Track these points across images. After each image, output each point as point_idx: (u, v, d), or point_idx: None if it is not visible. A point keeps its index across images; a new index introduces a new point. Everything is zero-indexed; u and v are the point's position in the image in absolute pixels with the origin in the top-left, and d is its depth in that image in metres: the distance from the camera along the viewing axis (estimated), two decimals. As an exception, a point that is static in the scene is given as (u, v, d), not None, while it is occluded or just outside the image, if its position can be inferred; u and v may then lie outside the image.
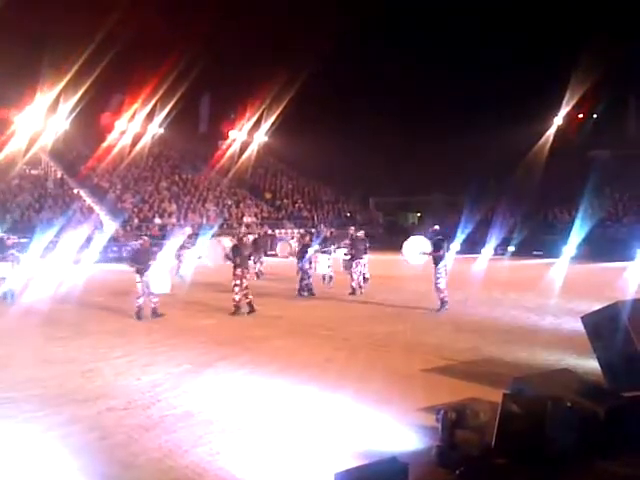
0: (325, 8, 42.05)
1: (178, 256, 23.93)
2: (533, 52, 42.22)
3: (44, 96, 42.19)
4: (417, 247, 18.12)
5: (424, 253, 17.64)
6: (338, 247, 22.55)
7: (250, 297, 16.38)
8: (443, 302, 16.51)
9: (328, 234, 23.63)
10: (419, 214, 57.43)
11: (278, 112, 50.93)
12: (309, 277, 19.85)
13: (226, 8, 41.51)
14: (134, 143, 49.18)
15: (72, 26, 37.08)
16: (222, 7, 41.44)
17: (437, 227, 17.82)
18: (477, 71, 45.06)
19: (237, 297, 16.21)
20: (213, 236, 30.24)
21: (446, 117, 45.40)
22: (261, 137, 55.52)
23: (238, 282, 16.27)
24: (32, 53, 38.91)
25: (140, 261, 15.87)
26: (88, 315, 16.62)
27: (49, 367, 10.98)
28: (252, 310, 16.22)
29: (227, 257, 16.91)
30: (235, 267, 16.38)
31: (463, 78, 45.20)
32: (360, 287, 20.05)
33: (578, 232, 34.38)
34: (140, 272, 15.68)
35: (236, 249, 16.77)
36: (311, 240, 21.19)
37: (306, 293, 19.56)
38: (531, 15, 41.79)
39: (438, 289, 16.55)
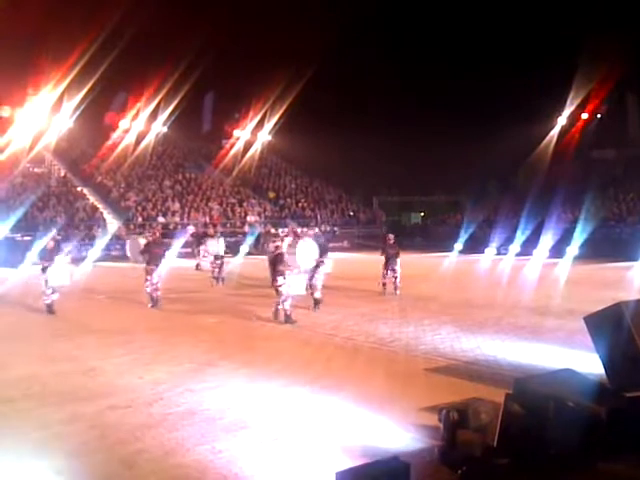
0: (329, 8, 42.03)
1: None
2: (537, 52, 42.13)
3: (48, 94, 42.21)
4: (308, 252, 17.88)
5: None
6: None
7: (159, 293, 17.23)
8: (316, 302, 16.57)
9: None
10: (422, 214, 57.48)
11: (282, 111, 50.88)
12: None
13: (230, 7, 41.51)
14: (138, 142, 49.17)
15: (76, 24, 37.11)
16: (226, 6, 41.44)
17: (328, 228, 17.91)
18: (481, 72, 45.01)
19: (148, 289, 17.14)
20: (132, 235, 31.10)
21: (450, 118, 45.29)
22: (265, 136, 55.49)
23: (148, 277, 17.14)
24: (36, 51, 38.94)
25: (284, 263, 15.50)
26: (91, 313, 16.65)
27: (51, 365, 10.99)
28: (155, 304, 17.04)
29: (141, 253, 18.15)
30: (146, 263, 17.38)
31: (466, 79, 45.14)
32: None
33: (581, 232, 34.33)
34: (284, 274, 15.21)
35: (147, 247, 17.90)
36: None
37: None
38: (533, 15, 41.73)
39: (313, 286, 16.68)
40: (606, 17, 38.59)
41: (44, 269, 16.29)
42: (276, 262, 15.43)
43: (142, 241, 19.94)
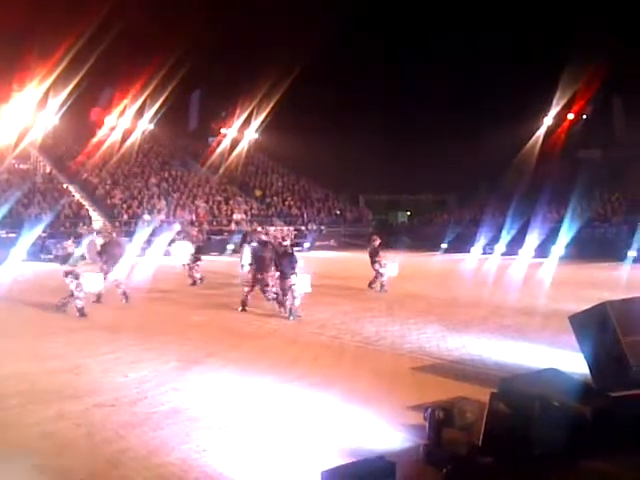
0: (317, 5, 42.01)
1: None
2: (523, 52, 42.28)
3: (34, 90, 41.99)
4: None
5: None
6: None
7: (123, 288, 17.83)
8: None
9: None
10: (409, 213, 57.58)
11: (269, 109, 50.89)
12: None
13: (217, 4, 41.41)
14: (124, 139, 49.02)
15: (62, 20, 36.92)
16: (213, 3, 41.35)
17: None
18: (468, 71, 45.14)
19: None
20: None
21: (437, 117, 45.42)
22: (252, 134, 55.42)
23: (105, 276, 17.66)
24: (21, 47, 38.72)
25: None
26: (76, 311, 16.55)
27: (37, 362, 10.93)
28: (127, 299, 17.61)
29: (98, 254, 18.59)
30: (103, 263, 18.01)
31: (454, 78, 45.28)
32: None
33: (567, 232, 34.47)
34: (296, 273, 15.66)
35: (104, 248, 18.49)
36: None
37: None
38: (520, 16, 41.88)
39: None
40: (592, 18, 38.75)
41: (69, 274, 15.75)
42: (292, 261, 15.77)
43: (99, 241, 20.03)
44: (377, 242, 20.67)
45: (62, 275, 16.00)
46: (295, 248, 19.36)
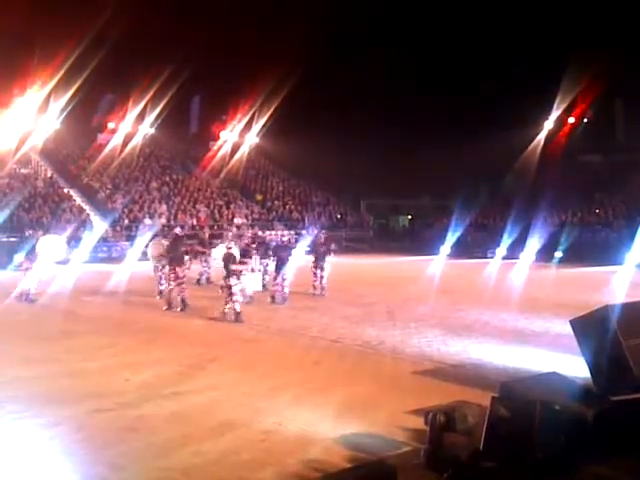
0: (317, 10, 42.04)
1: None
2: (524, 56, 42.28)
3: (35, 95, 42.03)
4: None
5: None
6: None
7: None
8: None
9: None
10: (410, 217, 57.54)
11: (269, 113, 50.84)
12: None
13: (217, 9, 41.46)
14: (125, 143, 48.96)
15: (63, 25, 36.94)
16: (213, 8, 41.39)
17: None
18: (469, 75, 45.13)
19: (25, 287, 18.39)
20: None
21: (438, 121, 45.43)
22: (252, 138, 55.41)
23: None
24: (23, 52, 38.75)
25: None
26: (76, 315, 16.56)
27: (36, 367, 10.91)
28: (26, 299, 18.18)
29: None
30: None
31: (454, 83, 45.26)
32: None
33: (568, 236, 34.45)
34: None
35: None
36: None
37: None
38: (521, 19, 41.86)
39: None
40: (594, 22, 38.79)
41: (233, 275, 15.50)
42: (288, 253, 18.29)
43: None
44: (322, 239, 21.00)
45: (225, 277, 15.69)
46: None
